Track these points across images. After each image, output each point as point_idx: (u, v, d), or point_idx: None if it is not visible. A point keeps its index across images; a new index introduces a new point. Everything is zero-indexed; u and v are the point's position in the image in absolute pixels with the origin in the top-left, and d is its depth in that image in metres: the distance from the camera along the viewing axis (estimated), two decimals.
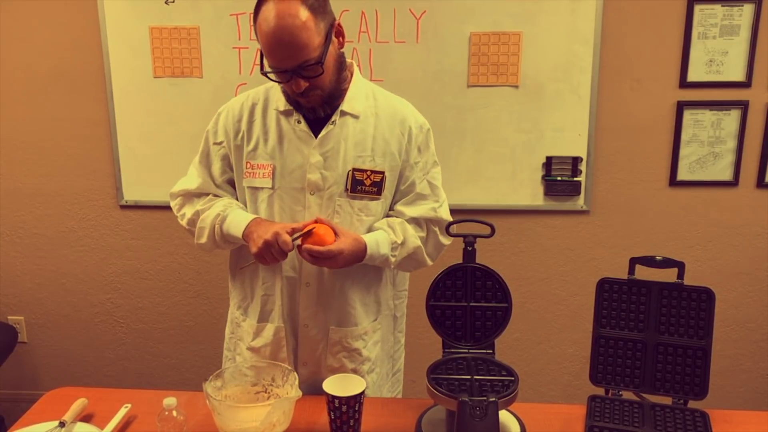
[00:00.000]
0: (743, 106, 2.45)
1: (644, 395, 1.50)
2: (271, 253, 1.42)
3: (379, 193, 1.54)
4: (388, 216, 1.60)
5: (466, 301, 1.48)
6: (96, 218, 2.75)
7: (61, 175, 2.71)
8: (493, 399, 1.27)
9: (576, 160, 2.52)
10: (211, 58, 2.51)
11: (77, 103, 2.62)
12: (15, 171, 2.72)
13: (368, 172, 1.52)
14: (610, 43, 2.43)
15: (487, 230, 1.49)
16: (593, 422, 1.42)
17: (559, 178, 2.53)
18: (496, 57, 2.44)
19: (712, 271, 2.63)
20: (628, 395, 1.50)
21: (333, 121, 1.50)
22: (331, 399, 1.33)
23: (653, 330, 1.48)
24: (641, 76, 2.46)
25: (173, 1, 2.47)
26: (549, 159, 2.52)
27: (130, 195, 2.69)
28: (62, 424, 1.41)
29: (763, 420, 1.48)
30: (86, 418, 1.48)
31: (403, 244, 1.54)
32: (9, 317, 2.89)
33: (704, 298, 1.44)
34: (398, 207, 1.58)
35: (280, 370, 1.43)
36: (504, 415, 1.44)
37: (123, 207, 2.72)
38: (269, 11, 1.35)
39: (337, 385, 1.36)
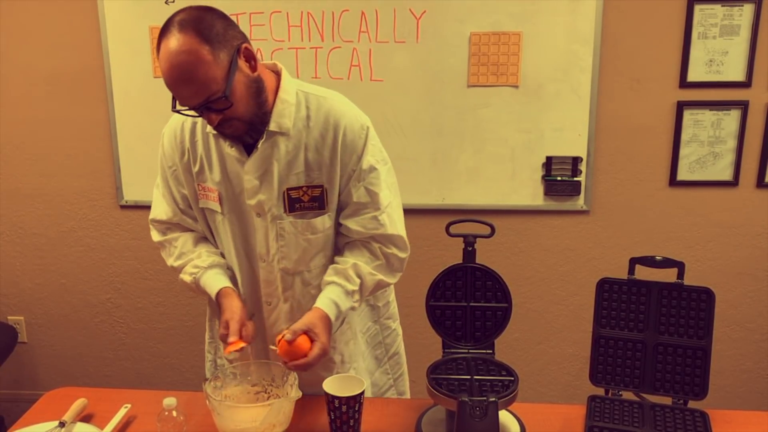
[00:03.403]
0: (743, 106, 2.45)
1: (644, 395, 1.50)
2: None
3: (322, 207, 1.47)
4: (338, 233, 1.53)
5: (466, 301, 1.48)
6: (96, 218, 2.75)
7: (61, 175, 2.71)
8: (493, 399, 1.27)
9: (576, 160, 2.52)
10: None
11: (77, 103, 2.62)
12: (15, 171, 2.72)
13: (304, 188, 1.45)
14: (610, 43, 2.43)
15: (487, 230, 1.49)
16: (593, 422, 1.42)
17: (559, 178, 2.53)
18: (496, 57, 2.44)
19: (712, 271, 2.62)
20: (628, 395, 1.50)
21: (256, 148, 1.42)
22: (331, 399, 1.33)
23: (653, 330, 1.48)
24: (641, 76, 2.46)
25: (173, 1, 2.47)
26: (549, 159, 2.52)
27: (130, 195, 2.69)
28: (62, 424, 1.41)
29: (763, 420, 1.48)
30: (86, 418, 1.48)
31: (361, 286, 1.48)
32: (9, 317, 2.89)
33: (704, 298, 1.44)
34: (341, 221, 1.50)
35: (279, 370, 1.43)
36: (504, 415, 1.44)
37: (123, 207, 2.72)
38: (165, 48, 1.26)
39: (337, 385, 1.36)
